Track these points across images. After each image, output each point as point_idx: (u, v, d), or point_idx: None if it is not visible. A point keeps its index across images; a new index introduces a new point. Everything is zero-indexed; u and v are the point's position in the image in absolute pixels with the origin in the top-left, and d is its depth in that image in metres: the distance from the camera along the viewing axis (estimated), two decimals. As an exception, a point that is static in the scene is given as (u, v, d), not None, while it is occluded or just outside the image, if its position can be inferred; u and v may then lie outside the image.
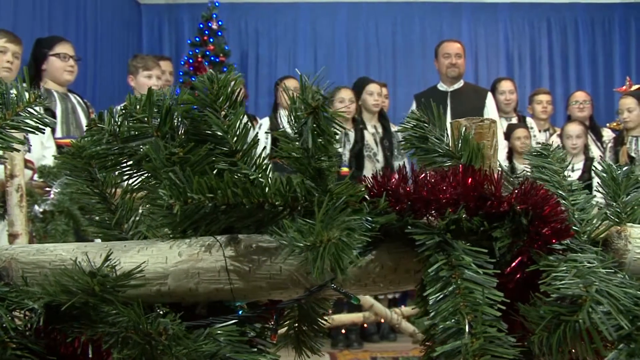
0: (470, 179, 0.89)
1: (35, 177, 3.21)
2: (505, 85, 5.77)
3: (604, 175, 1.09)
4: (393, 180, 0.92)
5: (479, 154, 0.93)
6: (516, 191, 0.88)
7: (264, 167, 0.92)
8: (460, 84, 5.27)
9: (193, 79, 6.37)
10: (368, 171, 5.04)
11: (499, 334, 0.77)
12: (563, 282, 0.78)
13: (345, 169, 5.05)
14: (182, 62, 6.54)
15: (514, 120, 5.75)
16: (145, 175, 0.93)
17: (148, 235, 0.99)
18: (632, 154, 5.40)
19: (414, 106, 5.37)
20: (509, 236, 0.87)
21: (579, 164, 5.53)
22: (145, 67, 4.91)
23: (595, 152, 5.62)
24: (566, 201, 0.99)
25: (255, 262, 0.89)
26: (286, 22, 7.40)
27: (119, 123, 0.92)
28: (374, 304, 4.37)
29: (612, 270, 0.86)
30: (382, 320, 4.60)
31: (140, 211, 0.98)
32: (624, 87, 6.21)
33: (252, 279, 0.90)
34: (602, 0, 7.35)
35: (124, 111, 0.90)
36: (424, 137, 0.95)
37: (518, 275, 0.86)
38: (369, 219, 0.86)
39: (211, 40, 6.44)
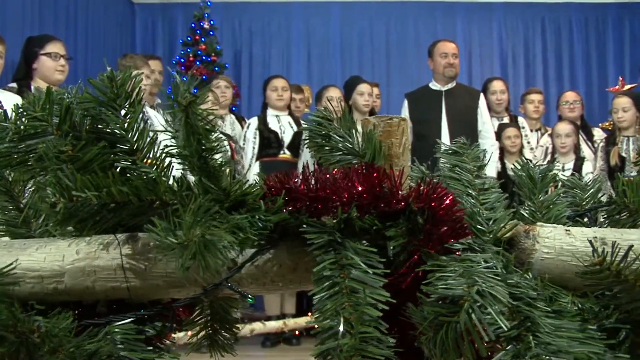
0: (367, 178, 0.88)
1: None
2: (497, 85, 5.74)
3: (522, 174, 1.08)
4: (295, 178, 0.91)
5: (382, 152, 0.93)
6: (413, 190, 0.87)
7: (164, 166, 0.91)
8: (453, 83, 5.24)
9: (184, 78, 6.36)
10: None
11: (377, 334, 0.76)
12: (445, 282, 0.77)
13: (332, 168, 5.04)
14: (174, 62, 6.54)
15: (506, 120, 5.73)
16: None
17: (55, 234, 0.98)
18: (623, 154, 5.36)
19: (405, 104, 5.32)
20: (405, 235, 0.86)
21: (569, 164, 5.49)
22: (134, 67, 4.91)
23: (586, 151, 5.59)
24: (475, 200, 0.98)
25: (151, 261, 0.89)
26: (280, 22, 7.39)
27: (20, 122, 0.92)
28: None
29: (499, 270, 0.85)
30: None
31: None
32: (617, 87, 6.17)
33: (148, 277, 0.89)
34: (596, 0, 7.31)
35: (20, 109, 0.90)
36: (327, 135, 0.94)
37: (413, 275, 0.85)
38: (262, 217, 0.86)
39: (203, 39, 6.44)
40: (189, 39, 6.51)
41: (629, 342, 0.97)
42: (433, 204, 0.86)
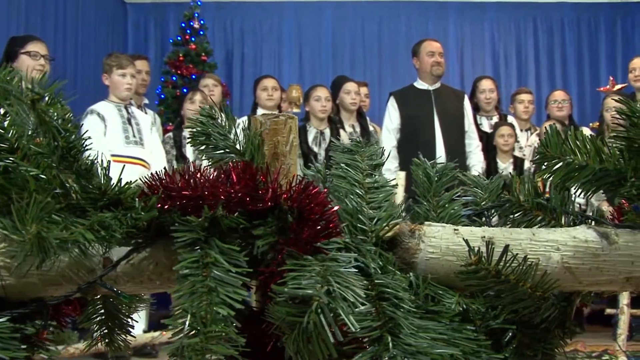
0: (243, 177, 0.88)
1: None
2: (486, 84, 5.72)
3: (418, 172, 1.07)
4: (173, 177, 0.91)
5: (260, 150, 0.92)
6: (284, 188, 0.87)
7: (47, 164, 0.91)
8: (438, 83, 5.22)
9: (174, 78, 6.38)
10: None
11: (232, 333, 0.75)
12: (297, 282, 0.76)
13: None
14: (165, 62, 6.56)
15: (495, 119, 5.70)
16: None
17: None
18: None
19: (393, 103, 5.25)
20: (274, 234, 0.85)
21: (558, 164, 5.47)
22: (119, 66, 4.89)
23: (575, 152, 5.54)
24: (361, 199, 0.98)
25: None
26: (271, 21, 7.40)
27: None
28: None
29: (371, 270, 0.84)
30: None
31: None
32: (607, 87, 6.14)
33: (22, 275, 0.89)
34: (588, 0, 7.27)
35: None
36: (209, 134, 0.94)
37: (280, 274, 0.85)
38: (133, 215, 0.86)
39: (193, 39, 6.45)
40: (179, 38, 6.53)
41: (516, 342, 0.96)
42: (304, 203, 0.85)
